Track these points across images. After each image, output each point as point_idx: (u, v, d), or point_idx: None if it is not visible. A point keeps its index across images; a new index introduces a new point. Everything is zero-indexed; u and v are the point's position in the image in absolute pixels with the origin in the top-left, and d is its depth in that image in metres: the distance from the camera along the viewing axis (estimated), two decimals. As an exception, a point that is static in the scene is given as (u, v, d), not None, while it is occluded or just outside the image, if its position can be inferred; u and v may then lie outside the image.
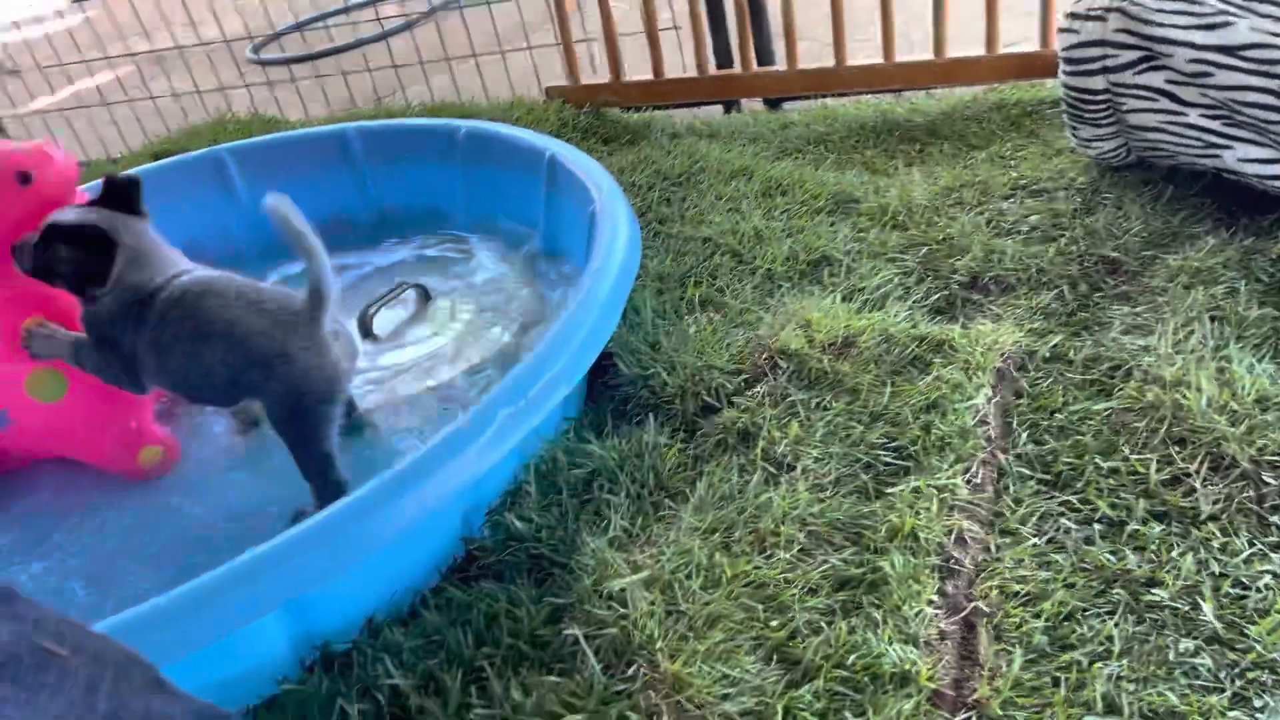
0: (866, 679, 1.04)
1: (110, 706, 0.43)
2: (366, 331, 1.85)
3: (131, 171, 1.48)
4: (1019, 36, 2.60)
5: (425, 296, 1.94)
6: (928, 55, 2.30)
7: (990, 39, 2.23)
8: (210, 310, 1.41)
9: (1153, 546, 1.15)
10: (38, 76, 3.11)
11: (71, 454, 1.60)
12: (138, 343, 1.45)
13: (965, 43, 2.41)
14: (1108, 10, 1.67)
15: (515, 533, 1.30)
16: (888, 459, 1.31)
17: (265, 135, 2.58)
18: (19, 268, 1.44)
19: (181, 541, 1.48)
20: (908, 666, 1.04)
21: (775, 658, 1.08)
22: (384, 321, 1.88)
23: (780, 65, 2.42)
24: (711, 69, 2.48)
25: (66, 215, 1.43)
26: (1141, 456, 1.24)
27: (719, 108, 2.59)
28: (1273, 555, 1.12)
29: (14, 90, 3.28)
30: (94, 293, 1.43)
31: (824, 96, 2.46)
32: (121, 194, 1.47)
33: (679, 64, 2.59)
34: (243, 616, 1.09)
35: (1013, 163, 1.96)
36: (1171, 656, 1.04)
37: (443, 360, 1.76)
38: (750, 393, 1.45)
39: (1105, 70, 1.71)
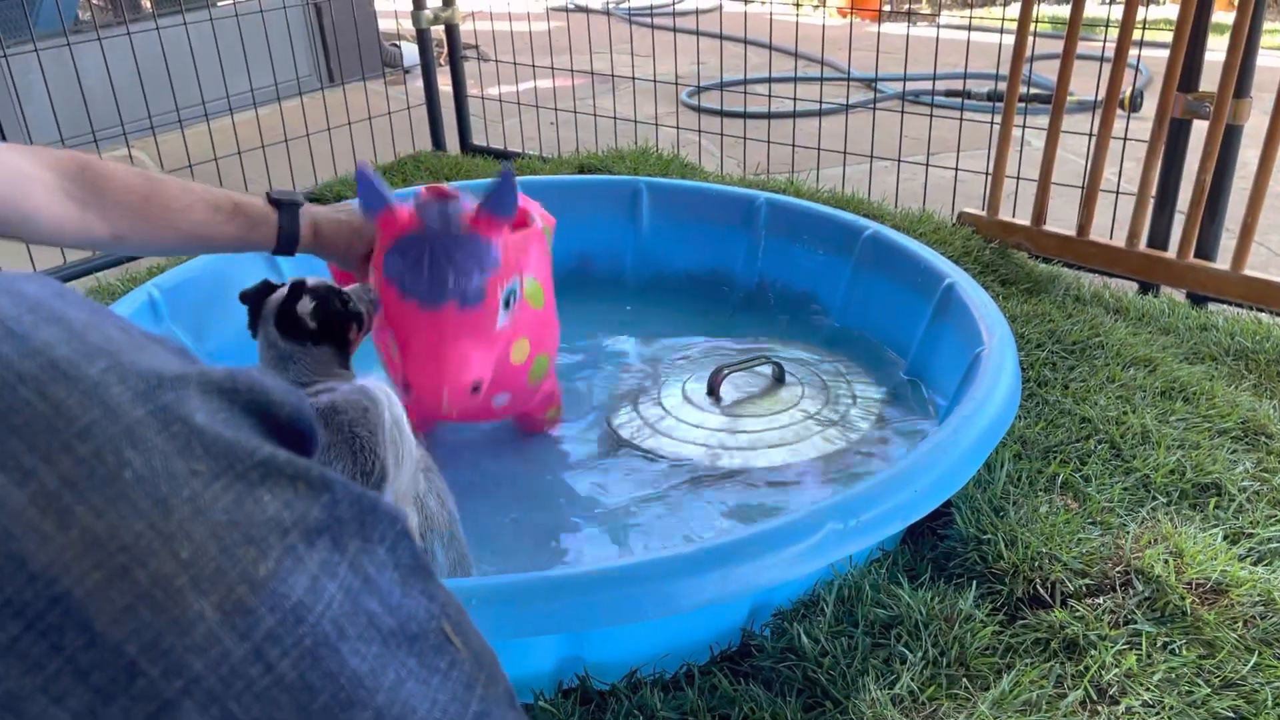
0: None
1: (479, 710, 0.44)
2: (712, 390, 1.89)
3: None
4: None
5: (780, 377, 1.94)
6: (1403, 303, 2.02)
7: None
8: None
9: None
10: (507, 68, 3.46)
11: (527, 408, 1.75)
12: None
13: None
14: None
15: (798, 647, 1.26)
16: (1229, 737, 1.14)
17: (681, 179, 2.72)
18: None
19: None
20: None
21: None
22: (732, 388, 1.90)
23: (1222, 264, 2.21)
24: (1142, 244, 2.31)
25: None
26: None
27: (1133, 283, 2.41)
28: None
29: (485, 72, 3.66)
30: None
31: (1260, 310, 2.22)
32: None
33: (1105, 226, 2.45)
34: (532, 629, 1.13)
35: None
36: None
37: (772, 446, 1.76)
38: (1090, 601, 1.32)
39: None
